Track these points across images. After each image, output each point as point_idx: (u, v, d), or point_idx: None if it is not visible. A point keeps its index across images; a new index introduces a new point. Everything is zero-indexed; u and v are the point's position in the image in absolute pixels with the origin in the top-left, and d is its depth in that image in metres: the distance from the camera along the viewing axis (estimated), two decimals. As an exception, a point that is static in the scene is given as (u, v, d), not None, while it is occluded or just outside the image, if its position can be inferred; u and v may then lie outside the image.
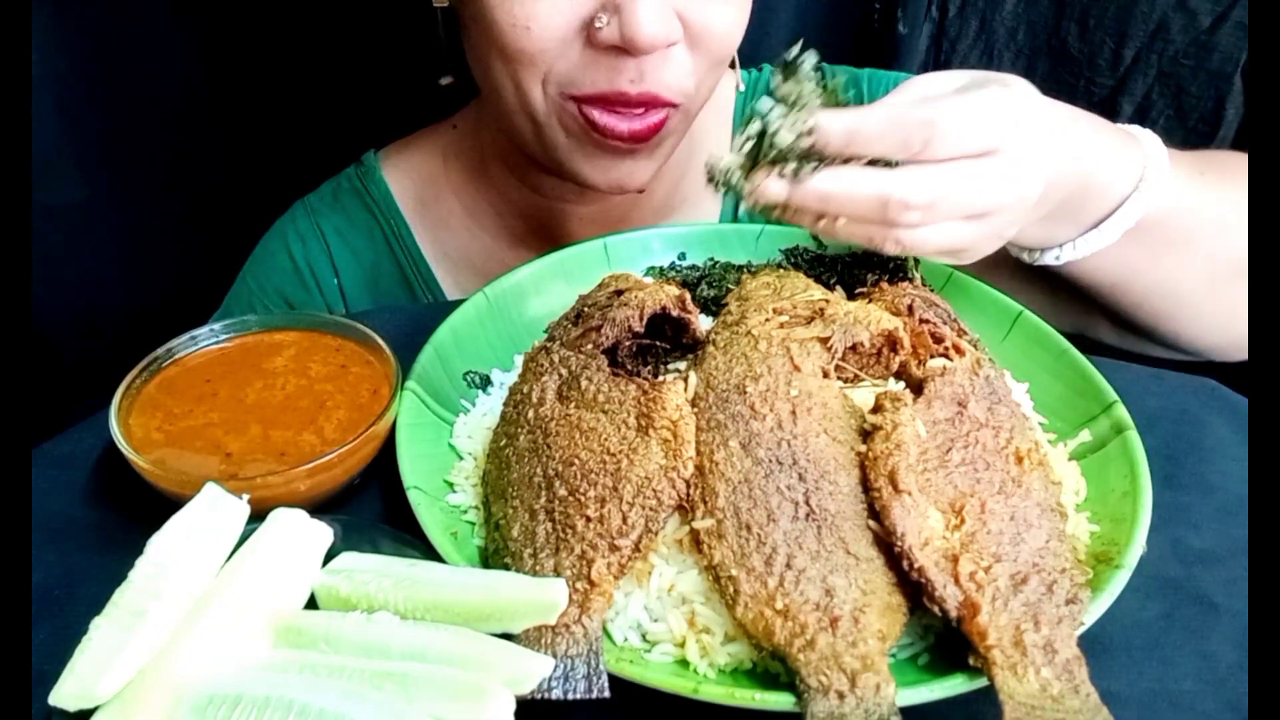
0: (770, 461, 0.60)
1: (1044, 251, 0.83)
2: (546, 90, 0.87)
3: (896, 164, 0.66)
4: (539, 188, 1.07)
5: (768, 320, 0.68)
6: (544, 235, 1.10)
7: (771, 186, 0.66)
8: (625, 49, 0.82)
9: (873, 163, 0.66)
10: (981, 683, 0.56)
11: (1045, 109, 0.73)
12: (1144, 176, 0.78)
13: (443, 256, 1.12)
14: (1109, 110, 1.25)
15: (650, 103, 0.86)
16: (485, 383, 0.79)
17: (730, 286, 0.81)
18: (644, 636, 0.61)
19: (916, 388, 0.67)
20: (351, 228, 1.11)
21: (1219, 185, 0.84)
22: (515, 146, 1.00)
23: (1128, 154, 0.79)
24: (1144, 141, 0.81)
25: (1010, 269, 0.95)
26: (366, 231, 1.11)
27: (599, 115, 0.86)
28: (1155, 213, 0.79)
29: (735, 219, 1.06)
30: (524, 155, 1.00)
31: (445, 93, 1.02)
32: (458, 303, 0.83)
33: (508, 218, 1.11)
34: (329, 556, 0.61)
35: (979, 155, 0.67)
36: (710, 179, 0.69)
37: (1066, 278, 0.86)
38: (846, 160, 0.66)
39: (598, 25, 0.81)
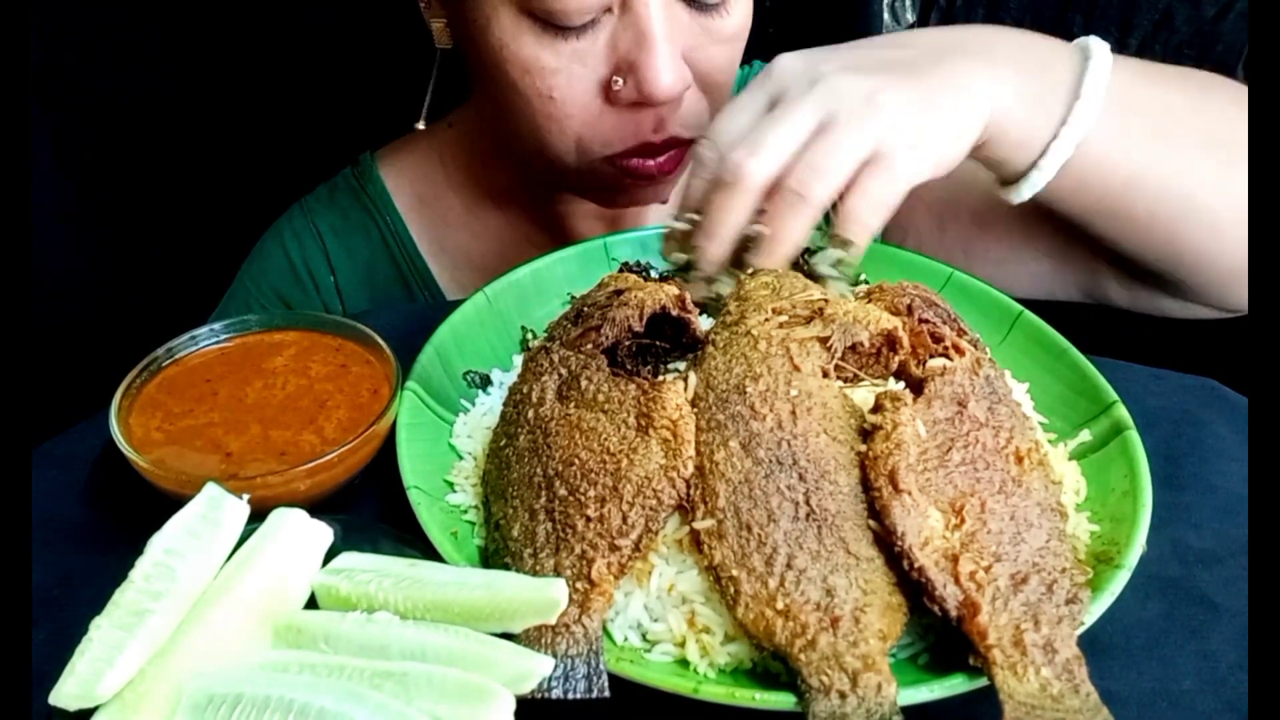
0: (770, 462, 0.60)
1: (1041, 159, 0.79)
2: (579, 154, 0.92)
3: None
4: (543, 192, 1.07)
5: (767, 320, 0.68)
6: (546, 231, 1.10)
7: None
8: (644, 103, 0.86)
9: None
10: (981, 683, 0.56)
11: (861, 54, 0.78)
12: (1089, 53, 0.79)
13: (440, 253, 1.13)
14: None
15: (673, 144, 0.91)
16: (485, 383, 0.79)
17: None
18: (644, 636, 0.61)
19: (916, 387, 0.67)
20: (347, 226, 1.12)
21: (1163, 69, 0.86)
22: (522, 162, 1.01)
23: (1047, 41, 0.82)
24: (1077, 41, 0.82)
25: (1016, 226, 0.97)
26: (362, 229, 1.12)
27: (628, 161, 0.92)
28: (1123, 89, 0.78)
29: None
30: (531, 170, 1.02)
31: (445, 98, 1.03)
32: (458, 303, 0.82)
33: (509, 214, 1.11)
34: (329, 556, 0.61)
35: (817, 132, 0.72)
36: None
37: (1078, 210, 0.84)
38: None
39: (615, 86, 0.86)
